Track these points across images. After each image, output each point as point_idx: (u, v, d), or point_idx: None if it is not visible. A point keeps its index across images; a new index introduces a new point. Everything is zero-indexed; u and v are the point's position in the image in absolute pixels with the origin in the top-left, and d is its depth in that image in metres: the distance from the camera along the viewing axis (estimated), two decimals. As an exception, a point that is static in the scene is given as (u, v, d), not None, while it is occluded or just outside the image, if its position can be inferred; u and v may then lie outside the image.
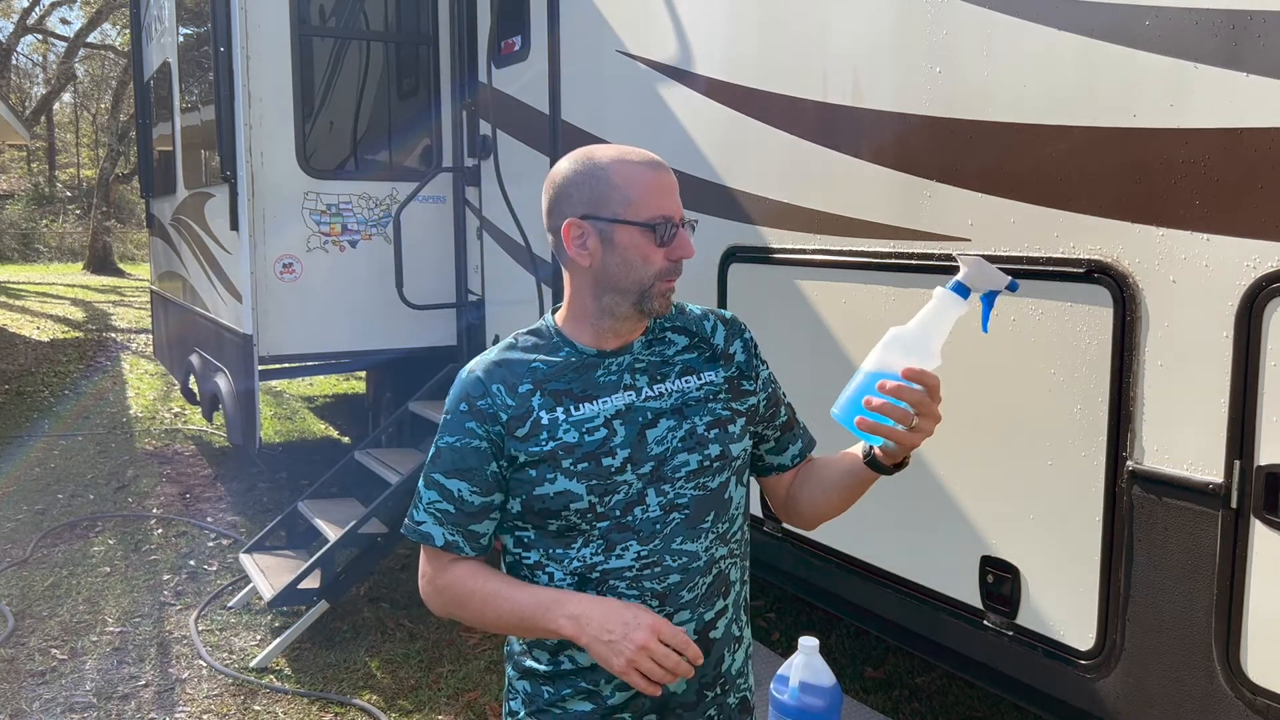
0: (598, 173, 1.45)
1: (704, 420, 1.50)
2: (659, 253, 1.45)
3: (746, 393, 1.57)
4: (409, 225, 5.01)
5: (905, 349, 1.37)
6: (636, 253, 1.44)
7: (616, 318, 1.48)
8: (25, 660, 4.14)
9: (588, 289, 1.49)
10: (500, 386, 1.47)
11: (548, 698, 1.52)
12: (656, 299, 1.47)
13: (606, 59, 3.79)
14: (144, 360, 11.67)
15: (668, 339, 1.55)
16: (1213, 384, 1.95)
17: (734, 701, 1.57)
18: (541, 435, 1.44)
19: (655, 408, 1.49)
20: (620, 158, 1.45)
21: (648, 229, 1.43)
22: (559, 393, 1.47)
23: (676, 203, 1.47)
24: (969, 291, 1.38)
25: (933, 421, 1.38)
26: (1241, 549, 1.93)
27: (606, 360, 1.50)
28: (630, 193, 1.43)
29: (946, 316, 1.37)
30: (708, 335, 1.58)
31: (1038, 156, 2.25)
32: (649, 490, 1.46)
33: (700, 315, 1.60)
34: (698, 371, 1.54)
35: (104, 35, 26.55)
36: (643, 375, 1.50)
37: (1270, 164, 1.84)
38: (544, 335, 1.53)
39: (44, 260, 28.31)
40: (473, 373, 1.50)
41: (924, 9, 2.50)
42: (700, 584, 1.49)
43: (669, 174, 1.47)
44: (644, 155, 1.47)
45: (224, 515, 6.11)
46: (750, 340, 1.61)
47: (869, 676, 3.95)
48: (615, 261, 1.45)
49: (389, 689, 3.88)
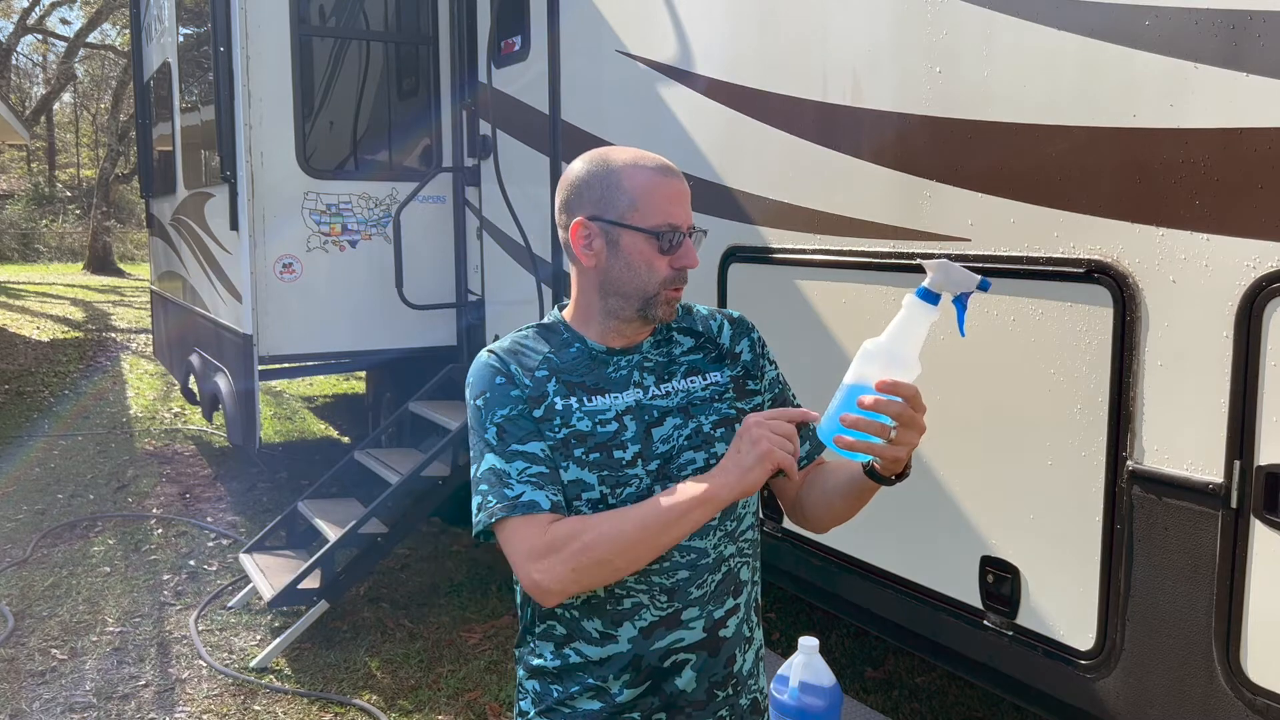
0: (609, 175, 1.45)
1: (710, 419, 1.51)
2: (663, 260, 1.46)
3: (752, 392, 1.57)
4: (409, 225, 5.01)
5: (879, 361, 1.33)
6: (640, 258, 1.45)
7: (621, 319, 1.50)
8: (25, 660, 4.14)
9: (593, 289, 1.50)
10: (517, 368, 1.48)
11: (557, 696, 1.52)
12: (660, 306, 1.47)
13: (606, 59, 3.79)
14: (144, 360, 11.67)
15: (674, 339, 1.56)
16: (1213, 384, 1.95)
17: (745, 703, 1.57)
18: (555, 421, 1.45)
19: (662, 406, 1.49)
20: (634, 162, 1.46)
21: (652, 236, 1.44)
22: (573, 384, 1.48)
23: (686, 211, 1.47)
24: (937, 297, 1.33)
25: (916, 432, 1.34)
26: (1241, 549, 1.93)
27: (615, 357, 1.51)
28: (638, 198, 1.44)
29: (918, 324, 1.33)
30: (714, 335, 1.58)
31: (1038, 156, 2.25)
32: (656, 487, 1.46)
33: (707, 315, 1.61)
34: (703, 372, 1.54)
35: (104, 35, 26.57)
36: (650, 374, 1.51)
37: (1270, 164, 1.84)
38: (554, 330, 1.54)
39: (44, 260, 28.33)
40: (492, 353, 1.50)
41: (924, 9, 2.50)
42: (709, 581, 1.49)
43: (680, 182, 1.48)
44: (658, 161, 1.47)
45: (224, 515, 6.11)
46: (758, 340, 1.62)
47: (869, 676, 3.95)
48: (619, 265, 1.46)
49: (389, 689, 3.88)
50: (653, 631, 1.47)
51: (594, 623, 1.48)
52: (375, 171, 5.37)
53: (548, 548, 1.36)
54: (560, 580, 1.36)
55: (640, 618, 1.47)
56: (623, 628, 1.47)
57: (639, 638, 1.47)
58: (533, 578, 1.37)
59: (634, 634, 1.47)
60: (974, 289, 1.34)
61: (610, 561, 1.36)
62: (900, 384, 1.32)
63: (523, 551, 1.38)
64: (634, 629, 1.47)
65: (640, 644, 1.47)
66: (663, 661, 1.48)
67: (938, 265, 1.33)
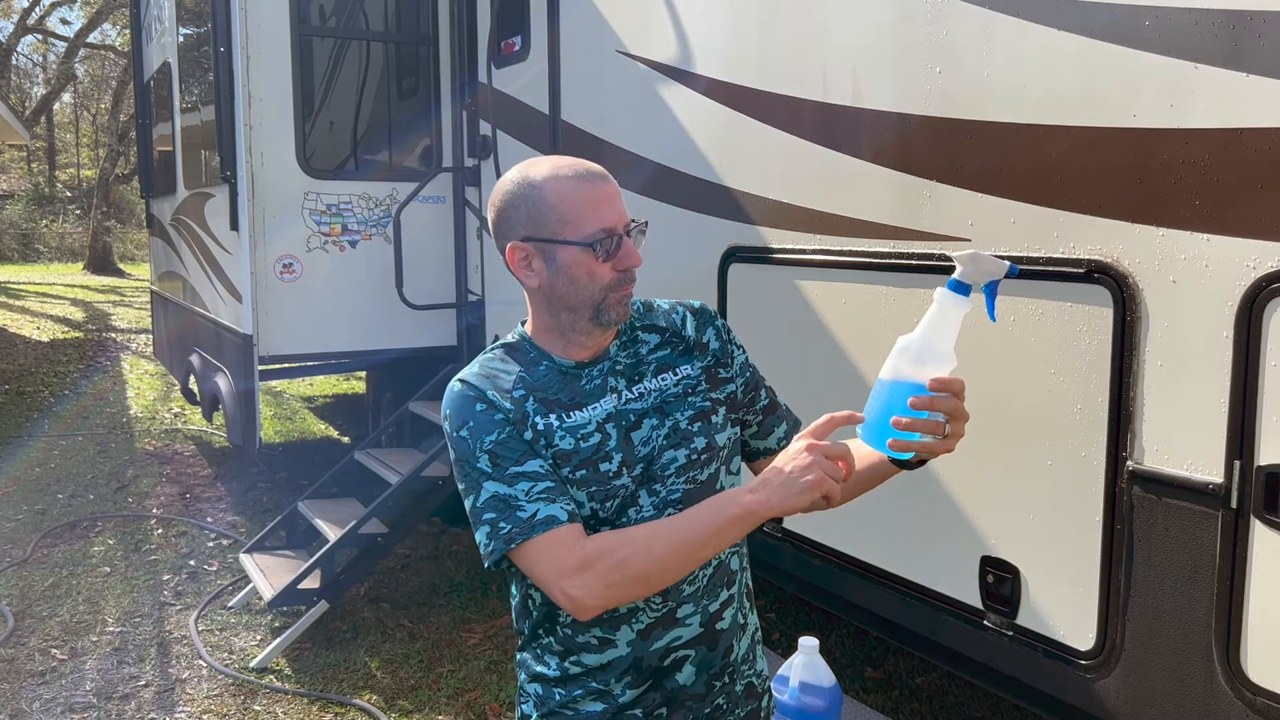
0: (532, 193, 1.42)
1: (685, 415, 1.50)
2: (604, 267, 1.43)
3: (724, 380, 1.56)
4: (409, 225, 5.01)
5: (918, 358, 1.34)
6: (581, 270, 1.42)
7: (579, 331, 1.47)
8: (25, 660, 4.14)
9: (543, 307, 1.48)
10: (494, 393, 1.45)
11: (559, 699, 1.51)
12: (612, 309, 1.45)
13: (606, 59, 3.79)
14: (144, 360, 11.67)
15: (640, 338, 1.54)
16: (1213, 384, 1.95)
17: (740, 688, 1.57)
18: (539, 444, 1.43)
19: (637, 409, 1.48)
20: (553, 174, 1.42)
21: (587, 247, 1.41)
22: (550, 401, 1.46)
23: (618, 211, 1.44)
24: (969, 288, 1.35)
25: (964, 423, 1.36)
26: (1241, 549, 1.93)
27: (586, 369, 1.49)
28: (566, 211, 1.41)
29: (952, 317, 1.35)
30: (679, 328, 1.56)
31: (1038, 156, 2.25)
32: (641, 491, 1.46)
33: (669, 309, 1.59)
34: (673, 367, 1.53)
35: (104, 35, 26.57)
36: (621, 378, 1.50)
37: (1270, 164, 1.84)
38: (520, 349, 1.51)
39: (44, 260, 28.32)
40: (465, 382, 1.47)
41: (924, 9, 2.50)
42: (701, 576, 1.49)
43: (606, 182, 1.44)
44: (578, 168, 1.43)
45: (224, 515, 6.11)
46: (723, 327, 1.60)
47: (869, 676, 3.95)
48: (562, 281, 1.43)
49: (389, 689, 3.88)
50: (650, 632, 1.47)
51: (592, 632, 1.48)
52: (375, 172, 5.37)
53: (580, 564, 1.34)
54: (596, 596, 1.34)
55: (637, 620, 1.47)
56: (620, 632, 1.47)
57: (637, 640, 1.47)
58: (568, 594, 1.34)
59: (632, 637, 1.47)
60: (1003, 275, 1.36)
61: (646, 578, 1.35)
62: (951, 379, 1.33)
63: (553, 569, 1.35)
64: (631, 632, 1.47)
65: (639, 646, 1.47)
66: (663, 660, 1.49)
67: (967, 257, 1.35)
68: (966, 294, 1.35)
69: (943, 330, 1.35)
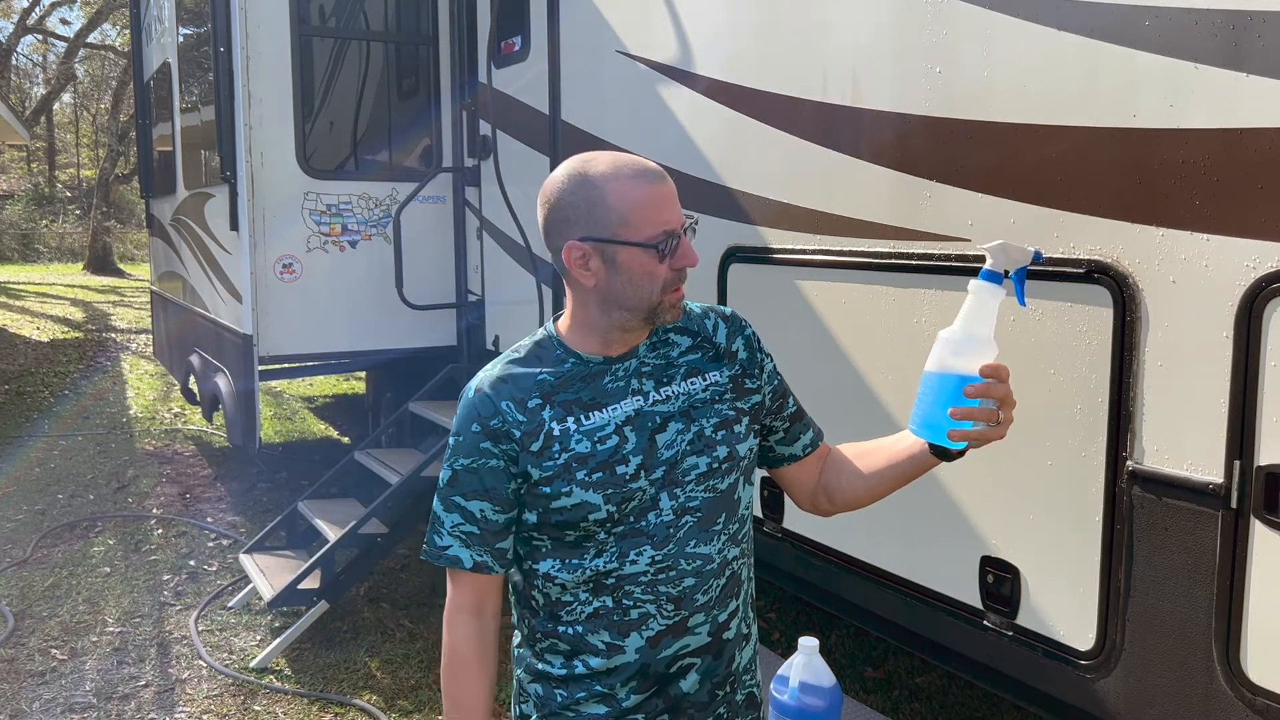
0: (593, 193, 1.40)
1: (711, 422, 1.50)
2: (662, 267, 1.42)
3: (750, 390, 1.56)
4: (409, 225, 5.01)
5: (963, 349, 1.38)
6: (641, 270, 1.41)
7: (626, 329, 1.47)
8: (25, 660, 4.14)
9: (595, 305, 1.46)
10: (509, 403, 1.44)
11: (561, 701, 1.50)
12: (667, 311, 1.45)
13: (606, 59, 3.79)
14: (144, 360, 11.67)
15: (671, 340, 1.53)
16: (1213, 384, 1.95)
17: (741, 698, 1.57)
18: (554, 448, 1.43)
19: (663, 411, 1.47)
20: (614, 174, 1.40)
21: (650, 248, 1.41)
22: (568, 403, 1.45)
23: (676, 211, 1.43)
24: (1001, 277, 1.40)
25: (1013, 409, 1.40)
26: (1241, 549, 1.93)
27: (613, 366, 1.48)
28: (627, 212, 1.39)
29: (989, 306, 1.39)
30: (710, 334, 1.56)
31: (1038, 156, 2.25)
32: (661, 494, 1.45)
33: (701, 314, 1.58)
34: (703, 372, 1.52)
35: (104, 35, 26.58)
36: (649, 379, 1.49)
37: (1270, 164, 1.84)
38: (547, 346, 1.50)
39: (44, 260, 28.34)
40: (480, 391, 1.47)
41: (924, 9, 2.50)
42: (714, 586, 1.49)
43: (666, 184, 1.43)
44: (638, 167, 1.42)
45: (224, 515, 6.11)
46: (752, 336, 1.60)
47: (869, 676, 3.95)
48: (620, 281, 1.42)
49: (389, 689, 3.88)
50: (660, 640, 1.47)
51: (600, 635, 1.47)
52: (375, 172, 5.37)
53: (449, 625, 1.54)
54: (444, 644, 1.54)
55: (648, 627, 1.46)
56: (629, 638, 1.46)
57: (646, 647, 1.46)
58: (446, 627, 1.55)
59: (641, 644, 1.46)
60: (1030, 262, 1.41)
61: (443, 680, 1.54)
62: (1000, 366, 1.37)
63: (449, 598, 1.54)
64: (641, 639, 1.46)
65: (647, 653, 1.47)
66: (669, 668, 1.48)
67: (997, 248, 1.40)
68: (999, 282, 1.40)
69: (982, 319, 1.39)
